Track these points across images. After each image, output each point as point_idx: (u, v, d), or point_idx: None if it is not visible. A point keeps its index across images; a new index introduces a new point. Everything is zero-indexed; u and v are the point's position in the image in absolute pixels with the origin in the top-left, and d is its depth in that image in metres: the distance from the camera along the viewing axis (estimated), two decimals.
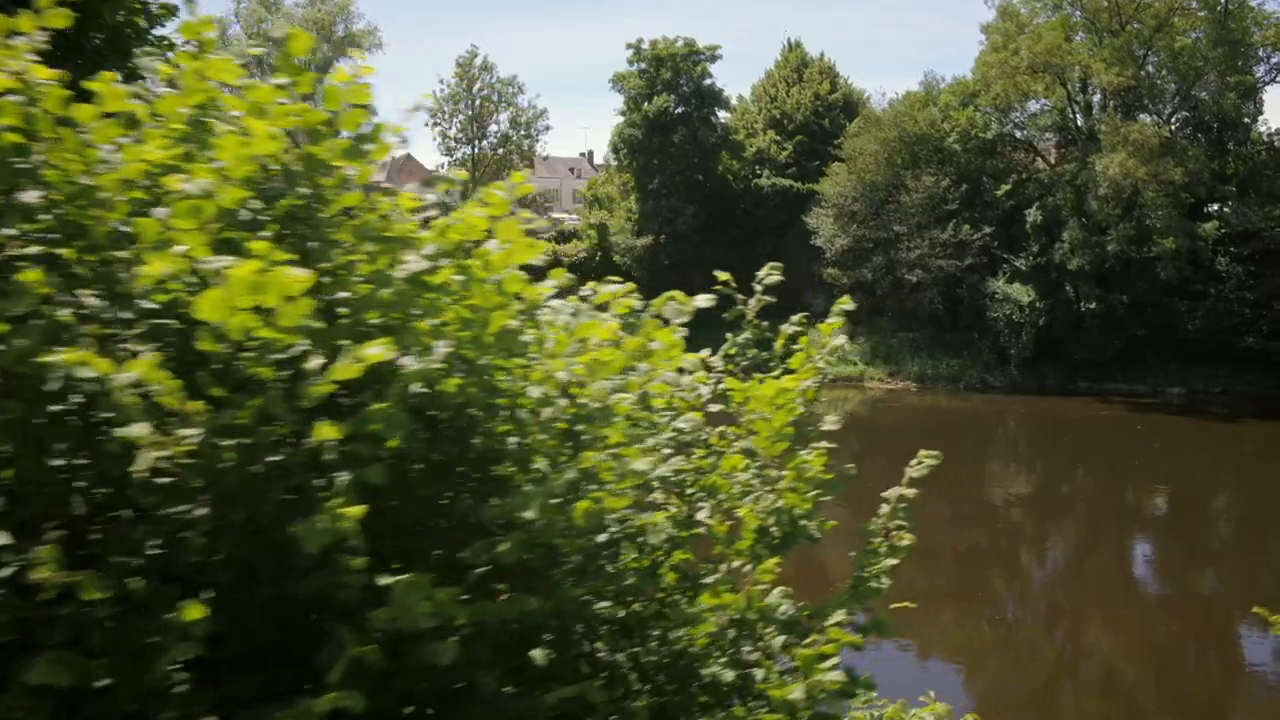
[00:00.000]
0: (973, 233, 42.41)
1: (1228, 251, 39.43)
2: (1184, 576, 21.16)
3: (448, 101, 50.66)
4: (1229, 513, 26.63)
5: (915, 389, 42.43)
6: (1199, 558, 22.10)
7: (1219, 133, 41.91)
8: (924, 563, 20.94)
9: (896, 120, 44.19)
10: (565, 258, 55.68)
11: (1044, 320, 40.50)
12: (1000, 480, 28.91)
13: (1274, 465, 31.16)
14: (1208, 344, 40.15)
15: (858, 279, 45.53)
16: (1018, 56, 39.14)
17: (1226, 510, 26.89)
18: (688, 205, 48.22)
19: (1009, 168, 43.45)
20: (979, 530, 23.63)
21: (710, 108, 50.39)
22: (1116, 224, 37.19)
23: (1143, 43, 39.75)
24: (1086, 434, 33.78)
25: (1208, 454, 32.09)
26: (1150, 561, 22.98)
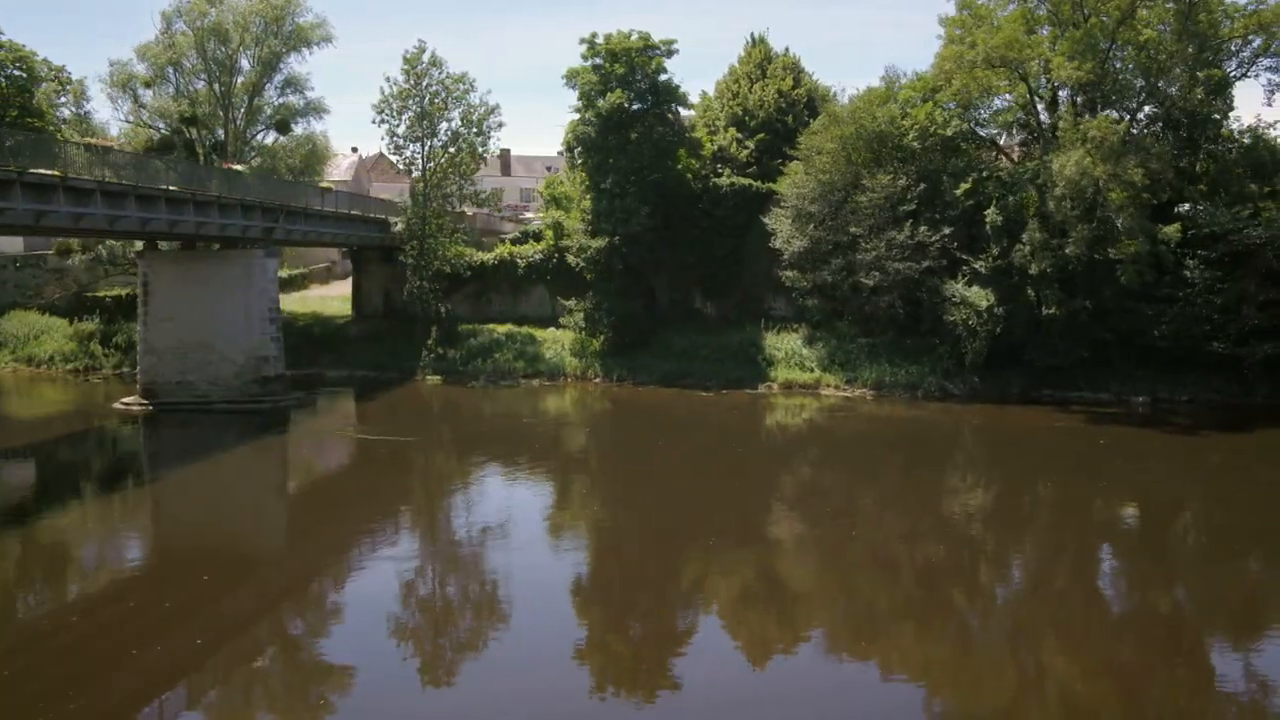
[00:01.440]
0: (931, 234, 40.72)
1: (1195, 254, 37.80)
2: (1147, 593, 20.19)
3: (394, 99, 48.91)
4: (1192, 528, 25.09)
5: (871, 397, 40.75)
6: (1163, 574, 21.01)
7: (1189, 129, 40.25)
8: (881, 579, 20.26)
9: (854, 117, 42.47)
10: (521, 259, 54.12)
11: (1002, 326, 38.85)
12: (951, 497, 27.21)
13: (1238, 477, 29.56)
14: (1175, 350, 38.57)
15: (817, 282, 43.91)
16: (974, 50, 37.43)
17: (1190, 525, 25.34)
18: (642, 205, 46.47)
19: (970, 166, 41.74)
20: (936, 546, 22.29)
21: (667, 104, 48.62)
22: (1076, 226, 35.48)
23: (1106, 36, 38.00)
24: (1042, 447, 32.09)
25: (1169, 467, 30.45)
26: (1113, 578, 21.85)
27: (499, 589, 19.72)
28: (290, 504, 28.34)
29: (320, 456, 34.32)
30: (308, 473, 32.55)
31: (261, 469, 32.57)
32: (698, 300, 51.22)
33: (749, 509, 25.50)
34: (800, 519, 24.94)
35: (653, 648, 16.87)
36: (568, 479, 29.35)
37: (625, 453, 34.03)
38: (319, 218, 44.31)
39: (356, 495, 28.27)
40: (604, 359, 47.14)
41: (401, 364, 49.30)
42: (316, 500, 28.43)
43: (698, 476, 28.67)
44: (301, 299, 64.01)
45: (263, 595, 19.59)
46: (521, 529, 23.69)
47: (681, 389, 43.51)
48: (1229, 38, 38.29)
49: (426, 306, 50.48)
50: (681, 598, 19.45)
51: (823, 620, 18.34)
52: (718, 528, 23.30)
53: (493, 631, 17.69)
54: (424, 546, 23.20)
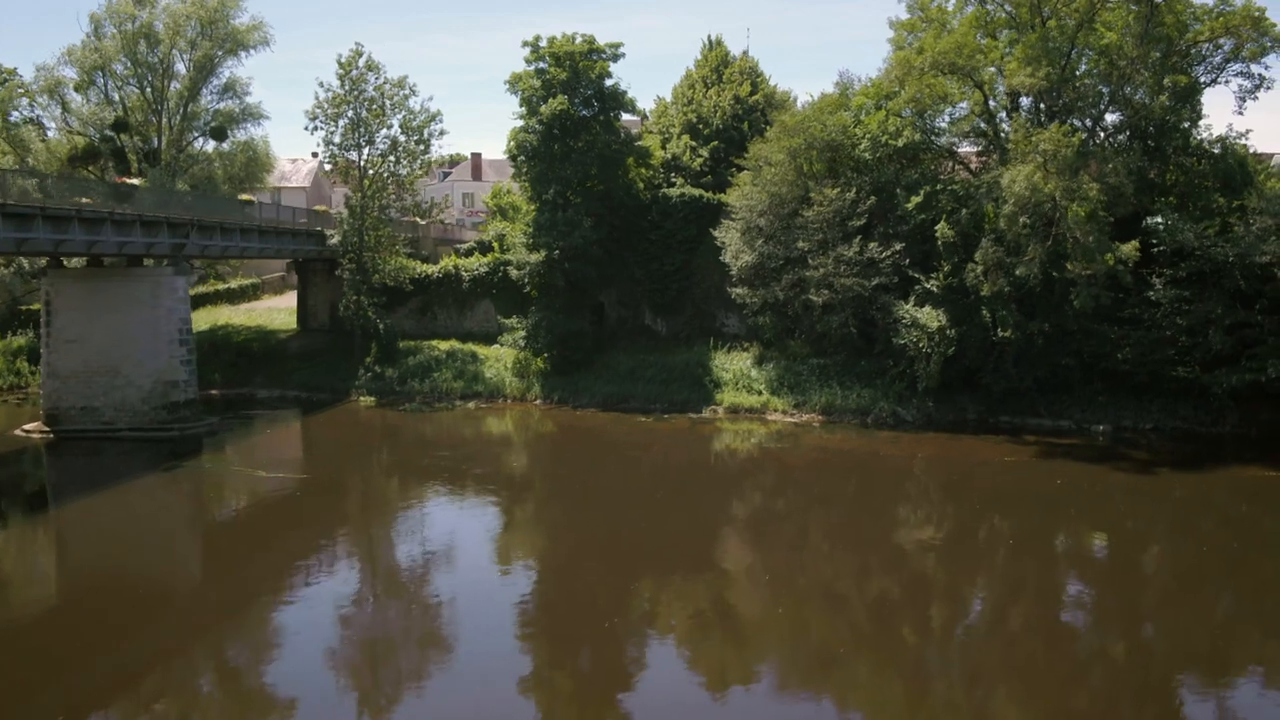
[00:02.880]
0: (881, 250, 38.33)
1: (1161, 272, 35.43)
2: (1103, 637, 18.88)
3: (328, 105, 46.55)
4: (1150, 572, 23.12)
5: (820, 423, 38.35)
6: (1119, 617, 19.87)
7: (1156, 139, 37.86)
8: (832, 622, 19.57)
9: (802, 127, 40.07)
10: (466, 273, 51.78)
11: (954, 349, 36.47)
12: (894, 542, 24.93)
13: (1201, 515, 27.23)
14: (1139, 375, 36.21)
15: (768, 299, 41.52)
16: (922, 56, 35.02)
17: (1148, 570, 23.35)
18: (585, 218, 44.12)
19: (924, 178, 39.31)
20: (883, 586, 20.99)
21: (613, 111, 46.27)
22: (1029, 245, 33.07)
23: (1066, 40, 35.60)
24: (989, 487, 29.63)
25: (1128, 504, 28.18)
26: (1068, 621, 20.22)
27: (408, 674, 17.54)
28: (190, 541, 26.21)
29: (205, 494, 31.61)
30: (194, 513, 30.19)
31: (164, 503, 30.24)
32: (648, 317, 48.88)
33: (665, 572, 23.14)
34: (745, 544, 22.63)
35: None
36: (468, 558, 24.34)
37: (550, 496, 31.63)
38: (239, 232, 41.92)
39: (242, 541, 25.98)
40: (545, 380, 44.80)
41: (336, 383, 46.97)
42: (212, 543, 26.19)
43: (610, 534, 26.27)
44: (249, 311, 61.73)
45: (167, 637, 19.01)
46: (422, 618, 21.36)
47: (622, 413, 41.16)
48: (1196, 42, 35.86)
49: (365, 323, 48.14)
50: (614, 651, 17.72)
51: (775, 655, 18.05)
52: (637, 595, 21.02)
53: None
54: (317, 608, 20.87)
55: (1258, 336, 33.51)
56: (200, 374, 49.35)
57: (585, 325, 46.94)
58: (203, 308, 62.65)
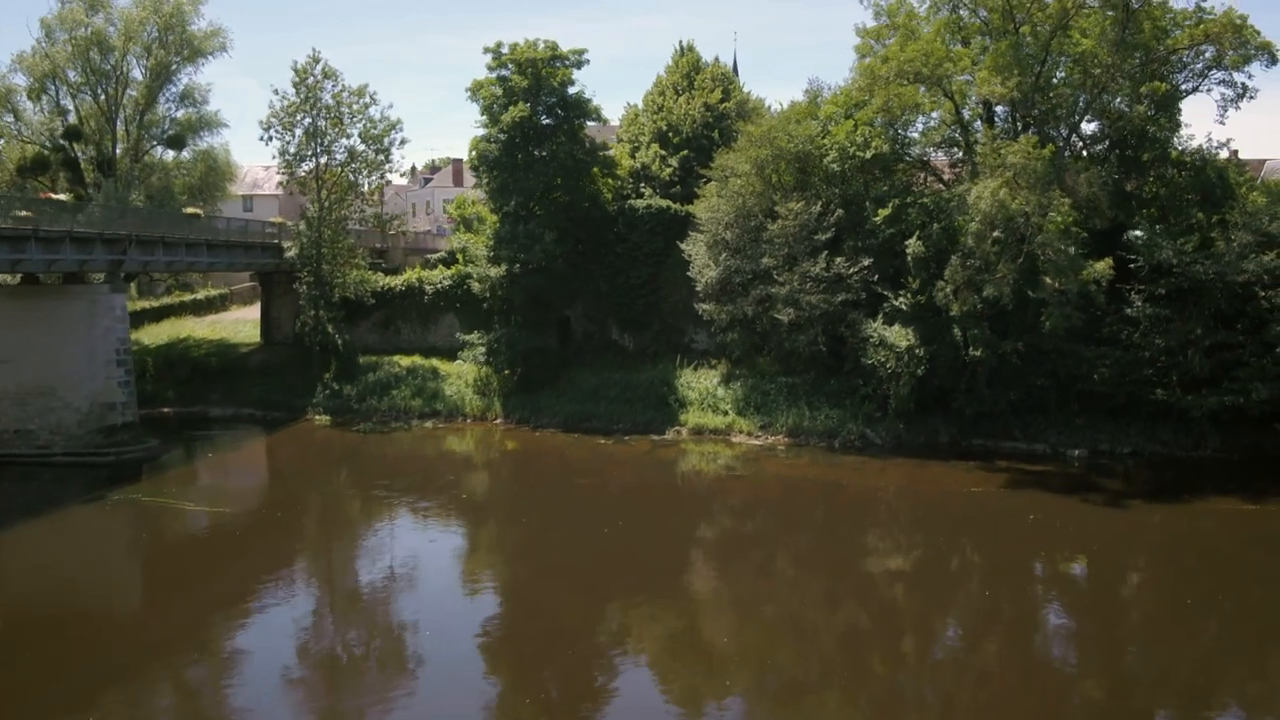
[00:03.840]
0: (848, 265, 36.78)
1: (1139, 289, 33.90)
2: (1078, 678, 17.91)
3: (283, 114, 45.04)
4: (1119, 615, 21.65)
5: (785, 446, 36.79)
6: (1093, 657, 18.85)
7: (1135, 150, 36.34)
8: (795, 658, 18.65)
9: (770, 136, 38.51)
10: (429, 286, 50.28)
11: (924, 369, 34.92)
12: (845, 589, 23.40)
13: (1173, 558, 25.62)
14: (1118, 397, 34.65)
15: (736, 314, 39.94)
16: (887, 65, 33.47)
17: (1115, 613, 21.85)
18: (547, 230, 42.57)
19: (894, 190, 37.75)
20: (828, 652, 19.18)
21: (577, 119, 44.72)
22: (998, 263, 31.51)
23: (1040, 47, 34.07)
24: (956, 518, 28.06)
25: (1096, 543, 26.62)
26: (1043, 660, 19.15)
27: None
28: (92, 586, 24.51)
29: (118, 531, 29.37)
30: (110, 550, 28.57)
31: (74, 540, 28.58)
32: (615, 332, 47.30)
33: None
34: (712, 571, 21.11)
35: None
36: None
37: (493, 533, 30.03)
38: (185, 246, 40.36)
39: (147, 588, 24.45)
40: (506, 398, 43.26)
41: (293, 401, 45.41)
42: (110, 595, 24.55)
43: (548, 589, 24.66)
44: (214, 323, 60.12)
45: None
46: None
47: (584, 434, 39.60)
48: (1175, 49, 34.31)
49: (323, 338, 46.61)
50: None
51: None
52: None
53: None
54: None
55: (1239, 358, 31.95)
56: (153, 391, 48.02)
57: (549, 341, 45.42)
58: (167, 319, 61.19)
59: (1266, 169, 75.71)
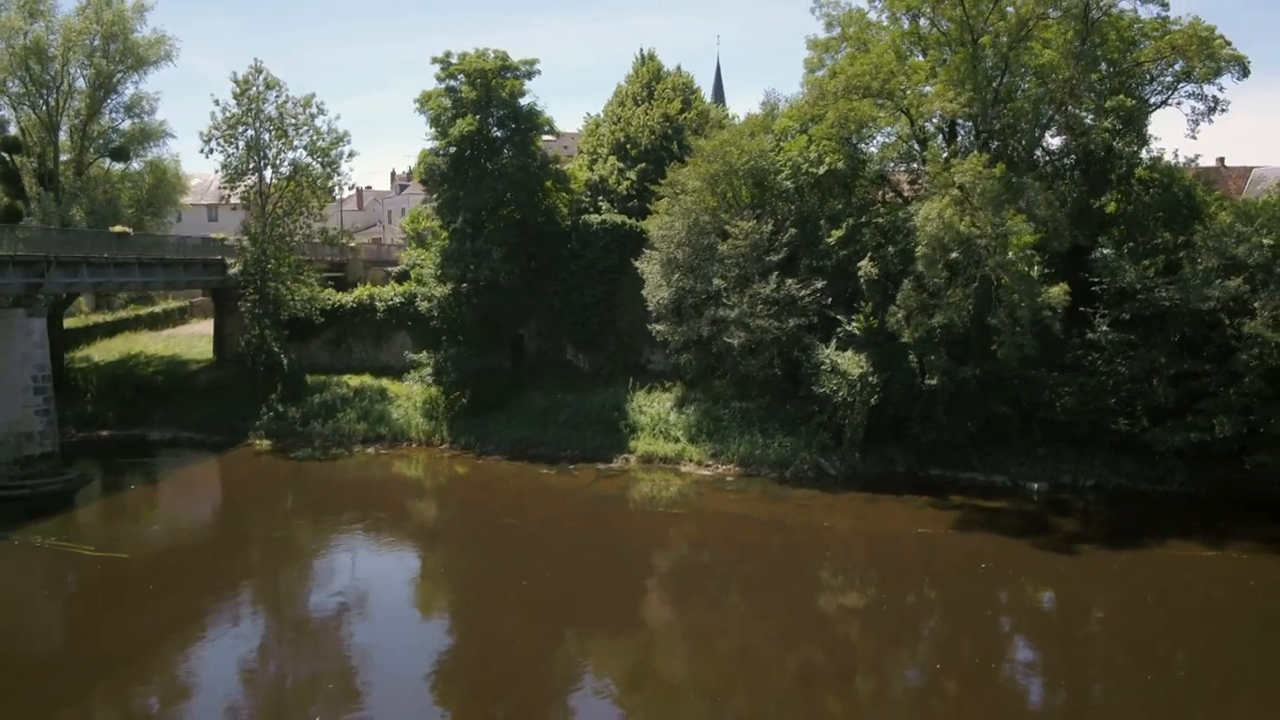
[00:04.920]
0: (800, 287, 35.14)
1: (1102, 313, 32.28)
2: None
3: (223, 125, 43.41)
4: (1073, 674, 19.95)
5: (735, 476, 35.15)
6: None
7: (1102, 165, 34.68)
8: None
9: (719, 152, 36.87)
10: (380, 303, 48.67)
11: (878, 398, 33.31)
12: (755, 659, 21.71)
13: (1132, 607, 23.90)
14: (1081, 426, 33.02)
15: (691, 335, 38.29)
16: (835, 80, 31.83)
17: (1071, 671, 20.18)
18: (495, 247, 40.93)
19: (849, 209, 36.07)
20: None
21: (529, 132, 43.08)
22: (948, 288, 29.88)
23: (999, 60, 32.43)
24: (897, 566, 26.38)
25: (1052, 586, 25.08)
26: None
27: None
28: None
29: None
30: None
31: None
32: (569, 351, 45.67)
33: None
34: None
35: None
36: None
37: (390, 599, 28.37)
38: (114, 266, 38.71)
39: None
40: (454, 422, 41.62)
41: (236, 423, 43.73)
42: None
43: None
44: (169, 338, 58.48)
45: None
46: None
47: (529, 461, 37.97)
48: (1140, 62, 32.66)
49: (269, 357, 44.94)
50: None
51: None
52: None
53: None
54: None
55: (1205, 388, 30.29)
56: (94, 413, 46.36)
57: (501, 361, 43.77)
58: (121, 334, 59.62)
59: (1253, 177, 74.12)
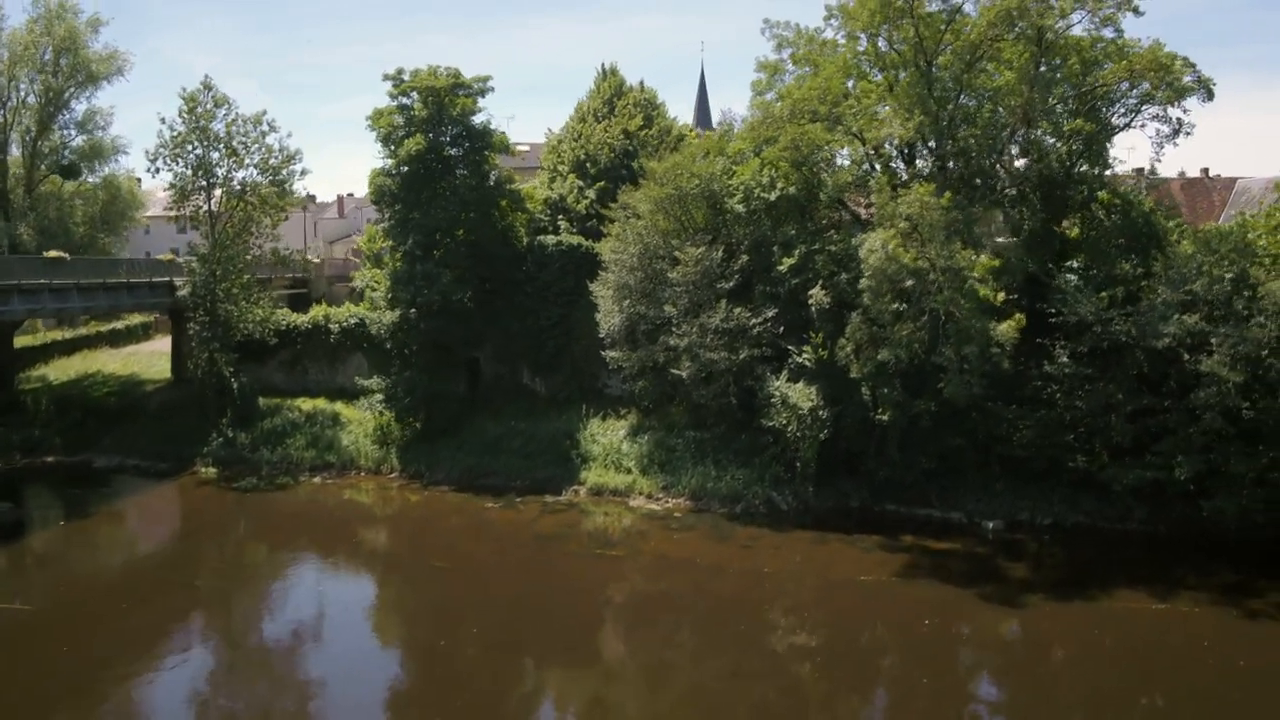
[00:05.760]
0: (751, 317, 34.04)
1: (1061, 344, 31.16)
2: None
3: (170, 145, 42.30)
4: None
5: (685, 511, 34.04)
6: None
7: (1062, 190, 33.55)
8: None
9: (670, 175, 35.76)
10: (335, 324, 47.57)
11: (828, 432, 32.21)
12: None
13: (1075, 670, 22.76)
14: (1039, 461, 31.90)
15: (646, 362, 37.19)
16: (780, 106, 30.73)
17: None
18: (445, 270, 39.83)
19: (801, 235, 34.93)
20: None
21: (482, 151, 41.98)
22: (895, 323, 28.76)
23: (954, 82, 31.32)
24: (839, 620, 25.21)
25: (994, 648, 23.97)
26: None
27: None
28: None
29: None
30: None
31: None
32: (526, 375, 44.55)
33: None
34: None
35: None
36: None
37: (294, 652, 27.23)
38: (50, 293, 37.62)
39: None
40: (404, 449, 40.53)
41: (184, 449, 42.58)
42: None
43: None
44: (130, 356, 57.36)
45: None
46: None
47: (477, 492, 36.87)
48: (1098, 85, 31.53)
49: (219, 380, 43.82)
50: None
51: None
52: None
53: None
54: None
55: (1164, 426, 29.14)
56: (40, 438, 45.18)
57: (454, 385, 42.66)
58: (80, 352, 58.54)
59: (1238, 188, 72.95)
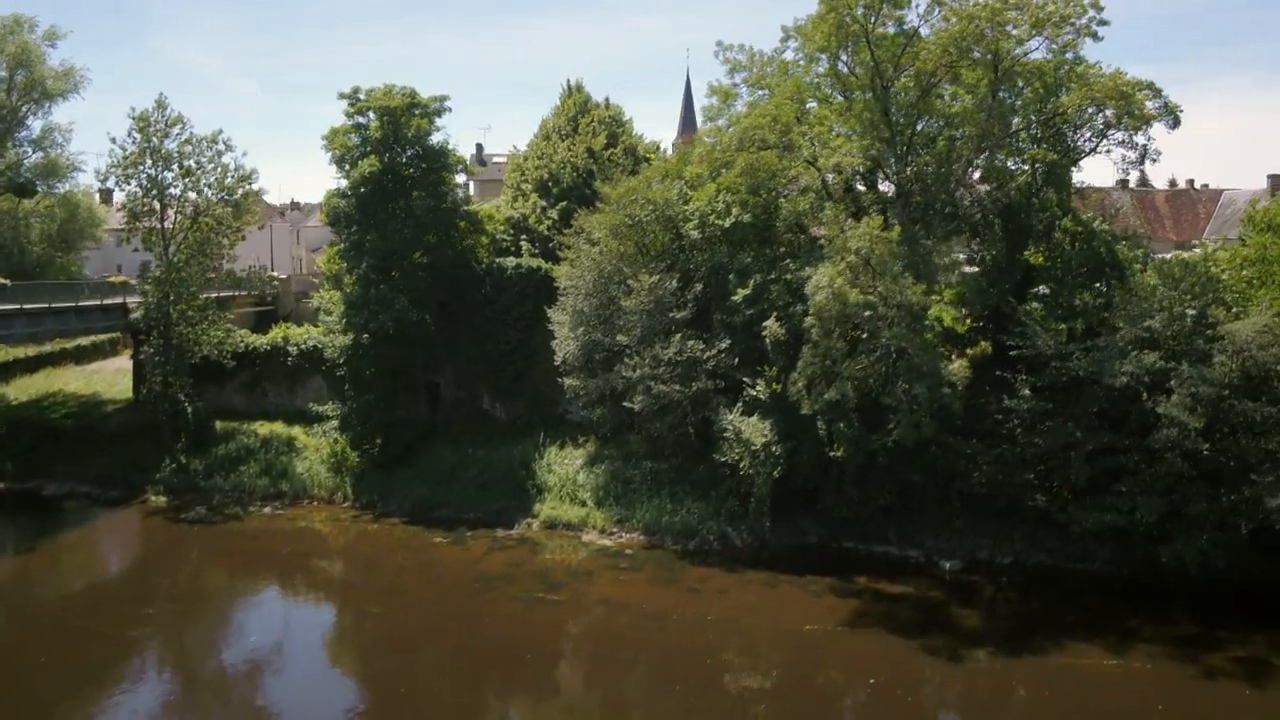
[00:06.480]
0: (704, 349, 33.08)
1: (1022, 378, 30.22)
2: None
3: (121, 165, 41.34)
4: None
5: (637, 546, 33.11)
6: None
7: (1026, 218, 32.60)
8: None
9: (623, 200, 34.81)
10: (293, 346, 46.59)
11: (781, 470, 31.26)
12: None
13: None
14: (999, 499, 30.95)
15: (604, 389, 36.25)
16: (727, 133, 29.80)
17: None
18: (399, 295, 38.88)
19: (760, 264, 33.95)
20: None
21: (440, 172, 41.04)
22: (844, 361, 27.81)
23: (910, 108, 30.37)
24: (776, 679, 24.12)
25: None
26: None
27: None
28: None
29: None
30: None
31: None
32: (486, 400, 43.58)
33: None
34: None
35: None
36: None
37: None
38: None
39: None
40: (359, 478, 39.60)
41: (136, 476, 41.66)
42: None
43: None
44: (93, 374, 56.35)
45: None
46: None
47: (429, 525, 35.95)
48: (1058, 112, 30.57)
49: (173, 404, 42.86)
50: None
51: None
52: None
53: None
54: None
55: (1124, 466, 28.18)
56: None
57: (412, 411, 41.69)
58: (44, 369, 57.55)
59: (1223, 200, 72.02)
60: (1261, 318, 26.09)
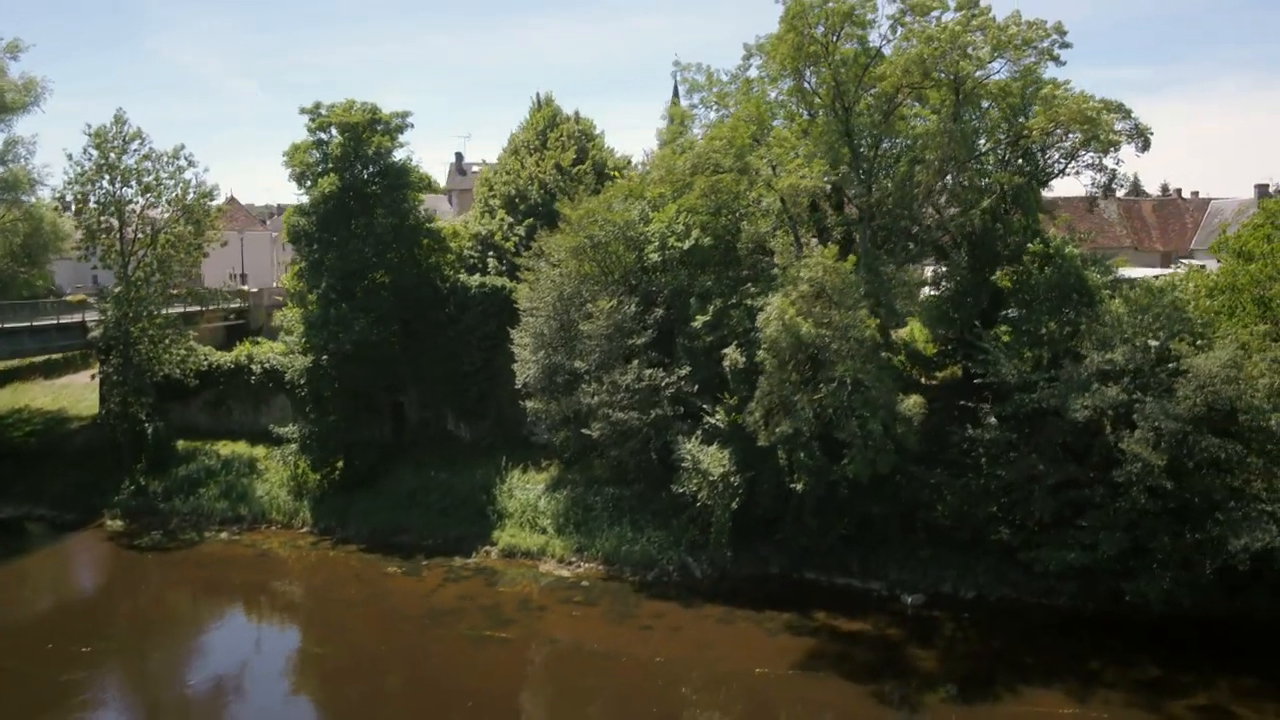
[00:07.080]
0: (663, 375, 32.31)
1: (985, 408, 29.47)
2: None
3: (79, 182, 40.54)
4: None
5: (596, 577, 32.37)
6: None
7: (992, 241, 31.82)
8: None
9: (583, 222, 34.03)
10: (256, 365, 45.75)
11: (740, 500, 30.50)
12: None
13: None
14: (965, 530, 30.20)
15: (567, 412, 35.49)
16: (684, 156, 29.01)
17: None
18: (360, 315, 38.09)
19: (720, 288, 33.14)
20: None
21: (402, 189, 40.26)
22: (800, 392, 27.03)
23: (874, 130, 29.60)
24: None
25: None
26: None
27: None
28: None
29: None
30: None
31: None
32: (451, 421, 42.79)
33: None
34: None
35: None
36: None
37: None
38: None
39: None
40: (318, 502, 38.87)
41: (94, 498, 40.98)
42: None
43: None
44: (61, 389, 55.41)
45: None
46: None
47: (386, 553, 35.22)
48: (1022, 134, 29.81)
49: (133, 425, 42.08)
50: None
51: None
52: None
53: None
54: None
55: (1088, 500, 27.41)
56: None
57: (376, 432, 40.97)
58: (11, 384, 56.74)
59: (1210, 209, 71.20)
60: (1225, 351, 25.30)
